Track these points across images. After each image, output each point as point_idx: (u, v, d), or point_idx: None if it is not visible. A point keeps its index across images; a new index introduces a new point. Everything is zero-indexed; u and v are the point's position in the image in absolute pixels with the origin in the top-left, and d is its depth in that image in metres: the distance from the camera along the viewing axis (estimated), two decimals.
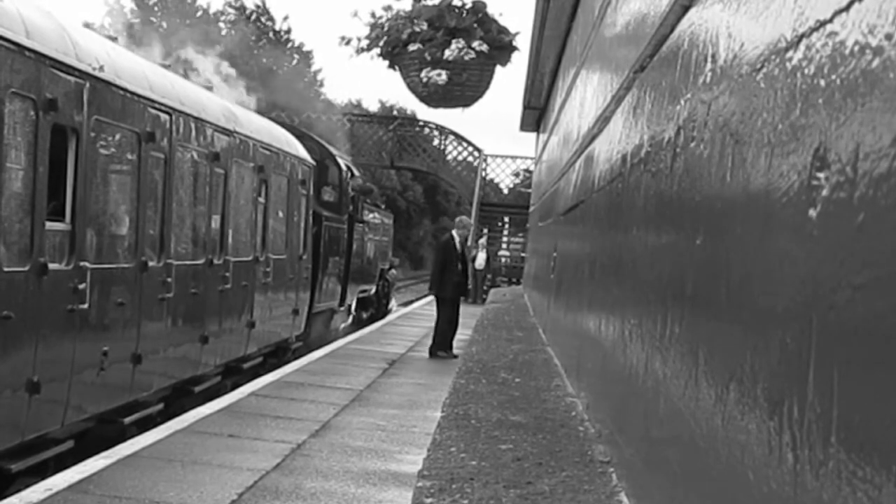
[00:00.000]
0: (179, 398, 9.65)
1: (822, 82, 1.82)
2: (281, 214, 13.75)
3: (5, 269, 6.19)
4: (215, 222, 10.66)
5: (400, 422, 7.40)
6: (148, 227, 8.74)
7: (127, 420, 8.35)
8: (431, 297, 27.87)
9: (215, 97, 11.96)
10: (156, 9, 52.68)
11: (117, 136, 8.21)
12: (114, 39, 9.83)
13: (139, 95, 8.39)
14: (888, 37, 1.50)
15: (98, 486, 5.20)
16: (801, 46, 1.96)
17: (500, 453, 5.90)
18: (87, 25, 16.15)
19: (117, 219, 8.33)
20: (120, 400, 8.24)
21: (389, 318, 20.58)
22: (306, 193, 15.10)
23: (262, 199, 12.58)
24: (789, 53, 2.05)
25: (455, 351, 12.21)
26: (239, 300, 11.55)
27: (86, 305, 7.33)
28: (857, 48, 1.64)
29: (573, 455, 5.82)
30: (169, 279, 9.11)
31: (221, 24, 55.23)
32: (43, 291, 6.73)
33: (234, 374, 11.58)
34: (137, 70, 8.85)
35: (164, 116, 8.93)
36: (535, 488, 5.07)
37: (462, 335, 14.61)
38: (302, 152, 15.11)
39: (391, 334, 15.20)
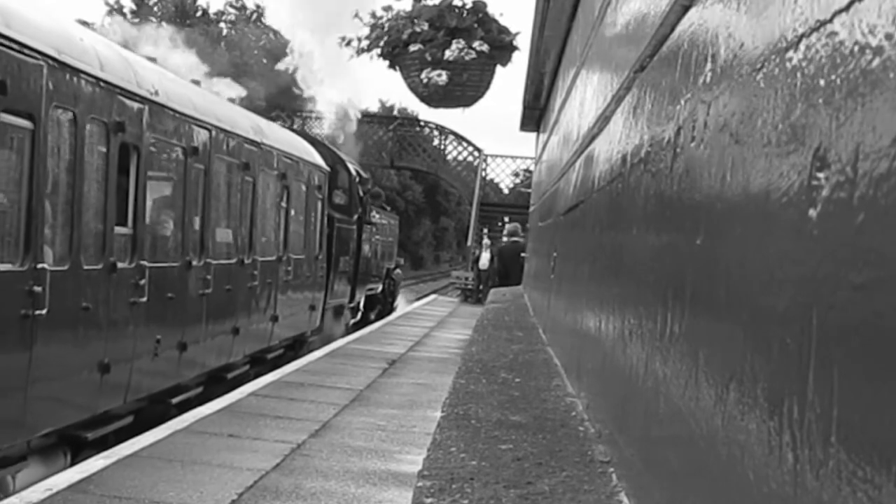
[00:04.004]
0: (213, 384, 10.73)
1: (822, 82, 1.82)
2: (300, 217, 15.14)
3: (85, 268, 7.37)
4: (245, 225, 12.02)
5: (400, 422, 7.41)
6: (191, 231, 9.95)
7: (174, 400, 9.48)
8: (433, 298, 28.45)
9: (245, 112, 13.49)
10: (156, 9, 52.68)
11: (168, 152, 9.42)
12: (153, 60, 10.49)
13: (185, 115, 9.57)
14: (888, 37, 1.50)
15: (98, 486, 5.20)
16: (801, 46, 1.96)
17: (500, 453, 5.90)
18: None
19: (167, 223, 9.55)
20: (169, 382, 9.49)
21: (390, 318, 20.67)
22: (321, 198, 16.51)
23: (283, 204, 13.97)
24: (789, 53, 2.05)
25: (456, 349, 12.26)
26: (265, 296, 12.90)
27: (144, 299, 8.50)
28: (857, 48, 1.64)
29: (573, 455, 5.82)
30: (208, 277, 10.31)
31: (222, 25, 55.20)
32: (112, 286, 7.94)
33: (258, 364, 12.72)
34: (183, 92, 10.11)
35: (204, 132, 10.16)
36: (535, 488, 5.07)
37: (462, 335, 14.63)
38: (317, 159, 16.46)
39: (391, 334, 15.20)
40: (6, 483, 6.69)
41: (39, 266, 6.70)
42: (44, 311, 6.70)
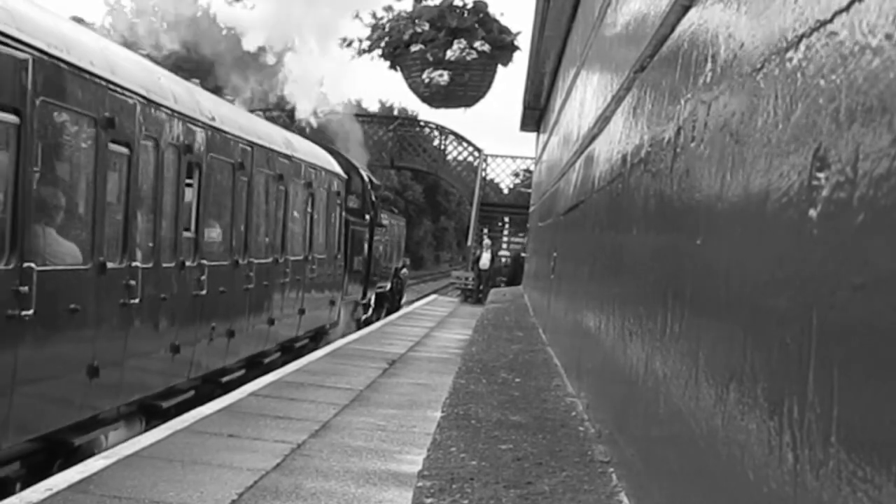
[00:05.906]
0: (251, 368, 12.01)
1: (822, 82, 1.82)
2: (322, 221, 16.69)
3: (163, 266, 8.86)
4: (279, 229, 13.60)
5: (400, 422, 7.40)
6: (237, 234, 11.49)
7: (223, 380, 10.79)
8: (433, 298, 28.90)
9: (278, 128, 15.18)
10: (156, 8, 52.62)
11: (221, 167, 10.92)
12: None
13: (234, 135, 11.09)
14: (888, 37, 1.50)
15: (98, 486, 5.20)
16: (801, 46, 1.96)
17: (500, 453, 5.90)
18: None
19: (219, 228, 11.02)
20: (219, 364, 10.94)
21: (390, 317, 20.73)
22: (340, 203, 18.16)
23: (309, 209, 15.51)
24: (789, 53, 2.05)
25: (456, 349, 12.30)
26: (294, 292, 14.52)
27: (204, 292, 9.96)
28: (857, 48, 1.64)
29: (573, 455, 5.82)
30: (251, 274, 11.85)
31: (222, 25, 55.13)
32: (182, 281, 9.43)
33: (287, 353, 13.96)
34: (232, 114, 11.73)
35: (248, 149, 11.71)
36: (535, 488, 5.07)
37: (462, 335, 14.65)
38: (336, 168, 18.02)
39: (391, 334, 15.20)
40: (99, 441, 7.76)
41: (133, 264, 8.10)
42: (137, 301, 8.11)
